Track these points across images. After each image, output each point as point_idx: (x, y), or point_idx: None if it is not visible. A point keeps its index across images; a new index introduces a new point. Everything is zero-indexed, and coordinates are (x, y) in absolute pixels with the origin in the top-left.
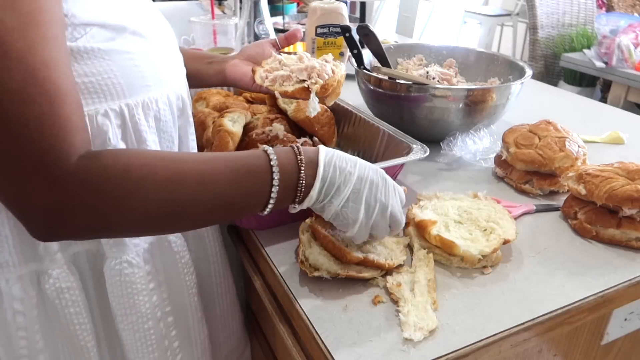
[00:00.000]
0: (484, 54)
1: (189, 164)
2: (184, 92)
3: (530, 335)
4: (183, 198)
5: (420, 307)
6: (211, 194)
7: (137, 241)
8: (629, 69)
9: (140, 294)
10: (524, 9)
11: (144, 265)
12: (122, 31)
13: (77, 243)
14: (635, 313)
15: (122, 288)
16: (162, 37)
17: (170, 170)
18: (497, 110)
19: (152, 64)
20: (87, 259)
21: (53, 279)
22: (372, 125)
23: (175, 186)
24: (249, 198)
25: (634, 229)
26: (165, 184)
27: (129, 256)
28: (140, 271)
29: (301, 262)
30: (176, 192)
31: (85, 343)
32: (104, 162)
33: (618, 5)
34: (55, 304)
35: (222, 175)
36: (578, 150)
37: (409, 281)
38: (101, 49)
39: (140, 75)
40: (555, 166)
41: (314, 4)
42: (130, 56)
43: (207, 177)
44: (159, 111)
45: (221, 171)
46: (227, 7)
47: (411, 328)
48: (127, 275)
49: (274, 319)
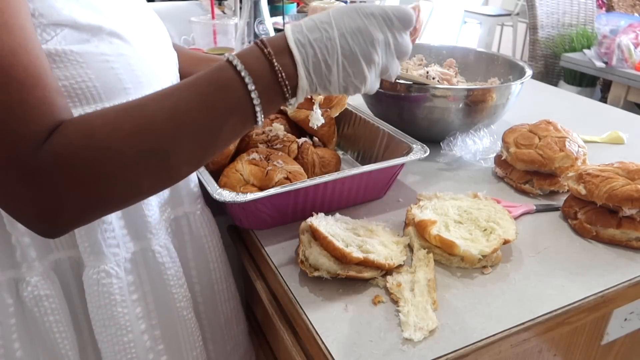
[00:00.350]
0: (484, 54)
1: (153, 104)
2: None
3: (530, 335)
4: (161, 143)
5: (420, 307)
6: (189, 127)
7: (117, 250)
8: (629, 69)
9: (119, 305)
10: (524, 9)
11: (124, 275)
12: (97, 32)
13: (58, 250)
14: (635, 313)
15: (100, 298)
16: (147, 38)
17: (135, 118)
18: (497, 110)
19: (132, 66)
20: (69, 265)
21: (31, 287)
22: (372, 125)
23: (147, 134)
24: (232, 115)
25: (634, 229)
26: (135, 134)
27: (107, 266)
28: (119, 282)
29: (301, 262)
30: (150, 140)
31: (67, 352)
32: (67, 136)
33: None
34: (34, 312)
35: (193, 104)
36: (578, 150)
37: (409, 281)
38: (74, 51)
39: (118, 78)
40: (555, 166)
41: (314, 4)
42: (106, 58)
43: (176, 112)
44: None
45: (189, 99)
46: (227, 7)
47: (411, 328)
48: (104, 286)
49: (274, 318)
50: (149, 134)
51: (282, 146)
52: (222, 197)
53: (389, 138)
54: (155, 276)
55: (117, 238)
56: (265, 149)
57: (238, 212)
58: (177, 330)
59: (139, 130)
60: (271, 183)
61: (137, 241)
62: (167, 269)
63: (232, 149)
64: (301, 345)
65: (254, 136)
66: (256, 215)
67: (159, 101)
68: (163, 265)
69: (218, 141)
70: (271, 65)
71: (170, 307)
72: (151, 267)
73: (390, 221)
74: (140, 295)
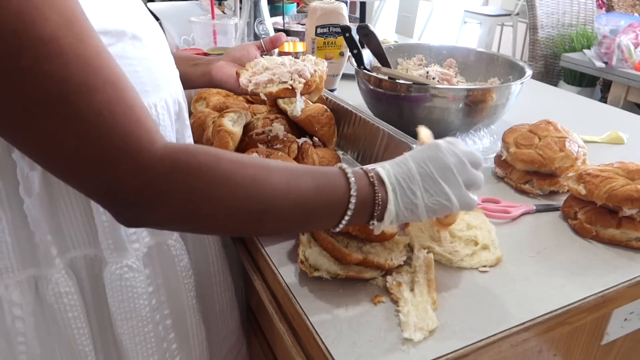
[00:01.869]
0: (484, 54)
1: (274, 166)
2: (180, 95)
3: (530, 335)
4: (268, 197)
5: (420, 307)
6: (294, 198)
7: (137, 245)
8: (629, 69)
9: (140, 298)
10: (524, 9)
11: (143, 269)
12: (121, 36)
13: (75, 248)
14: (635, 313)
15: (123, 292)
16: (156, 40)
17: (257, 168)
18: (497, 110)
19: (151, 69)
20: (84, 264)
21: (52, 284)
22: (372, 125)
23: (262, 184)
24: (329, 208)
25: (634, 229)
26: (253, 180)
27: (129, 260)
28: (140, 275)
29: (301, 262)
30: (262, 190)
31: (84, 347)
32: (194, 151)
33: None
34: (54, 309)
35: (305, 182)
36: (578, 150)
37: (408, 281)
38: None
39: (140, 81)
40: (555, 166)
41: (314, 4)
42: (130, 62)
43: (291, 180)
44: (157, 116)
45: (304, 178)
46: (227, 7)
47: (411, 328)
48: (127, 280)
49: (274, 319)
50: (263, 186)
51: (282, 146)
52: None
53: (389, 138)
54: (168, 268)
55: (137, 233)
56: (265, 149)
57: None
58: (186, 318)
59: (257, 179)
60: None
61: (153, 236)
62: (180, 261)
63: (232, 149)
64: (301, 345)
65: (254, 136)
66: None
67: (280, 166)
68: (177, 257)
69: (307, 221)
70: (372, 186)
71: (180, 298)
72: (165, 260)
73: None
74: (154, 287)
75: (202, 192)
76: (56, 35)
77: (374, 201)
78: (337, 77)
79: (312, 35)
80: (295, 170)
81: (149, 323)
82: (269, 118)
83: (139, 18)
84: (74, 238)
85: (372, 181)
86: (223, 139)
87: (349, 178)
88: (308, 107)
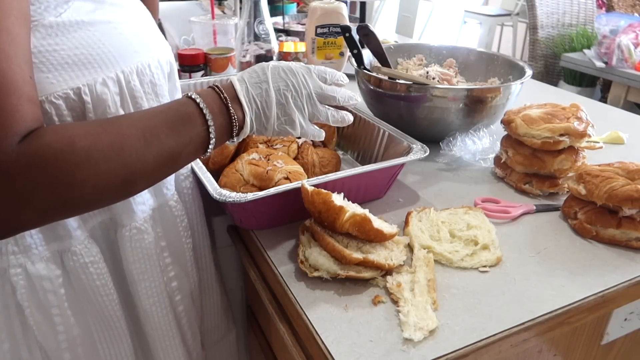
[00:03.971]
0: (484, 54)
1: (127, 124)
2: (170, 57)
3: (530, 335)
4: (130, 159)
5: (420, 307)
6: (155, 149)
7: (143, 207)
8: (629, 69)
9: (150, 259)
10: (524, 9)
11: (151, 231)
12: (101, 3)
13: (92, 217)
14: (635, 313)
15: (134, 254)
16: (137, 8)
17: (111, 134)
18: (497, 110)
19: (135, 30)
20: (100, 231)
21: (77, 255)
22: (372, 125)
23: (121, 149)
24: (191, 145)
25: (634, 229)
26: (111, 148)
27: (138, 223)
28: (148, 237)
29: (301, 262)
30: (122, 155)
31: (115, 312)
32: (47, 139)
33: (618, 5)
34: (81, 279)
35: (161, 129)
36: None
37: (409, 281)
38: (85, 21)
39: (128, 42)
40: (554, 168)
41: (314, 4)
42: (114, 25)
43: (147, 133)
44: (153, 75)
45: (159, 124)
46: (227, 7)
47: (411, 328)
48: (136, 242)
49: (274, 319)
50: (123, 150)
51: (282, 146)
52: (222, 197)
53: (389, 138)
54: (170, 230)
55: (142, 195)
56: (265, 149)
57: (238, 212)
58: (189, 280)
59: (114, 146)
60: (271, 183)
61: (156, 197)
62: (181, 222)
63: (232, 149)
64: (301, 345)
65: (254, 136)
66: (256, 216)
67: (133, 122)
68: (179, 217)
69: (175, 165)
70: (227, 110)
71: (184, 259)
72: (168, 221)
73: (390, 221)
74: (159, 250)
75: (64, 179)
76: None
77: (232, 125)
78: None
79: (312, 35)
80: (148, 120)
81: (160, 283)
82: None
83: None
84: None
85: (227, 104)
86: None
87: (203, 110)
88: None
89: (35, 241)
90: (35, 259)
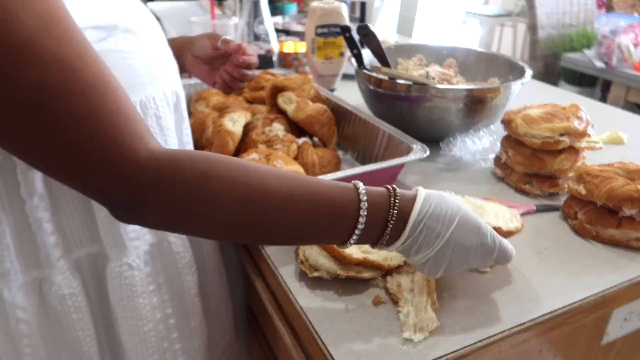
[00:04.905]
0: (484, 54)
1: (272, 184)
2: (178, 87)
3: (530, 335)
4: (259, 221)
5: (420, 307)
6: (289, 224)
7: (137, 243)
8: (629, 69)
9: (140, 297)
10: (524, 9)
11: (144, 267)
12: (113, 30)
13: (78, 248)
14: (635, 313)
15: (123, 291)
16: (151, 33)
17: (250, 187)
18: (497, 110)
19: (146, 61)
20: (88, 263)
21: (55, 286)
22: (372, 125)
23: (254, 207)
24: (327, 237)
25: (634, 229)
26: (244, 202)
27: (129, 259)
28: (140, 273)
29: (301, 262)
30: (253, 213)
31: (89, 348)
32: (180, 164)
33: (618, 5)
34: (57, 311)
35: (305, 205)
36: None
37: (408, 281)
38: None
39: (135, 74)
40: (555, 168)
41: (314, 4)
42: (124, 55)
43: (289, 205)
44: (157, 109)
45: (305, 201)
46: (227, 7)
47: (411, 328)
48: (127, 278)
49: (274, 319)
50: (255, 209)
51: (282, 146)
52: None
53: (389, 138)
54: (169, 266)
55: (137, 231)
56: (265, 149)
57: None
58: (190, 317)
59: (249, 201)
60: None
61: (154, 233)
62: (182, 258)
63: (232, 149)
64: (301, 345)
65: (254, 136)
66: None
67: (280, 185)
68: (178, 254)
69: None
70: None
71: (183, 296)
72: (167, 257)
73: None
74: (155, 286)
75: (185, 208)
76: (32, 40)
77: (378, 238)
78: (337, 77)
79: (312, 35)
80: (297, 189)
81: (149, 322)
82: (269, 118)
83: (131, 11)
84: (77, 236)
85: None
86: (223, 139)
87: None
88: (308, 107)
89: (14, 267)
90: (13, 285)
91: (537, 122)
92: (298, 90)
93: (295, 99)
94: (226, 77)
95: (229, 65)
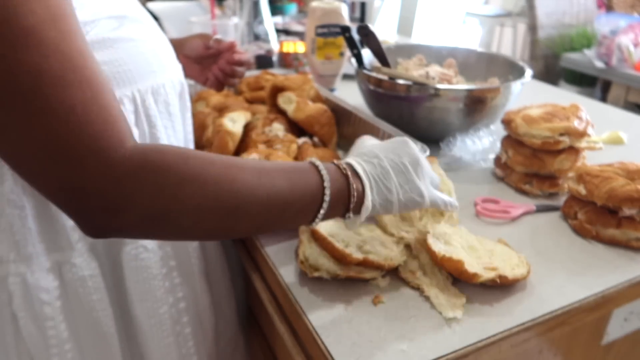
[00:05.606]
0: (484, 54)
1: (243, 163)
2: (182, 76)
3: (530, 335)
4: (239, 193)
5: (441, 285)
6: (267, 192)
7: None
8: (629, 69)
9: (155, 279)
10: (524, 9)
11: (158, 250)
12: (124, 19)
13: None
14: (635, 313)
15: (139, 273)
16: (154, 25)
17: (226, 165)
18: (497, 110)
19: (154, 50)
20: (103, 246)
21: (76, 268)
22: (372, 125)
23: (232, 179)
24: (303, 201)
25: (634, 229)
26: (223, 175)
27: (145, 241)
28: (155, 256)
29: (301, 262)
30: (233, 186)
31: (109, 329)
32: (162, 150)
33: (618, 5)
34: (79, 292)
35: (277, 176)
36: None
37: (416, 265)
38: (110, 38)
39: (146, 61)
40: (554, 168)
41: (314, 4)
42: (135, 43)
43: (263, 175)
44: (167, 95)
45: (276, 173)
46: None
47: (447, 308)
48: (143, 260)
49: (274, 319)
50: (234, 178)
51: (282, 146)
52: None
53: (389, 138)
54: (180, 250)
55: None
56: (265, 149)
57: None
58: (198, 301)
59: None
60: None
61: None
62: (191, 243)
63: (231, 149)
64: (301, 345)
65: (254, 136)
66: None
67: (247, 161)
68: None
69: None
70: (346, 178)
71: (193, 280)
72: (178, 242)
73: None
74: (167, 269)
75: (171, 189)
76: (38, 28)
77: (349, 193)
78: (337, 77)
79: (312, 35)
80: (266, 165)
81: (163, 304)
82: (269, 118)
83: (134, 6)
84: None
85: (345, 173)
86: (223, 139)
87: (320, 171)
88: (308, 107)
89: (37, 250)
90: (35, 268)
91: (537, 122)
92: (298, 90)
93: (295, 99)
94: (218, 74)
95: (221, 62)
